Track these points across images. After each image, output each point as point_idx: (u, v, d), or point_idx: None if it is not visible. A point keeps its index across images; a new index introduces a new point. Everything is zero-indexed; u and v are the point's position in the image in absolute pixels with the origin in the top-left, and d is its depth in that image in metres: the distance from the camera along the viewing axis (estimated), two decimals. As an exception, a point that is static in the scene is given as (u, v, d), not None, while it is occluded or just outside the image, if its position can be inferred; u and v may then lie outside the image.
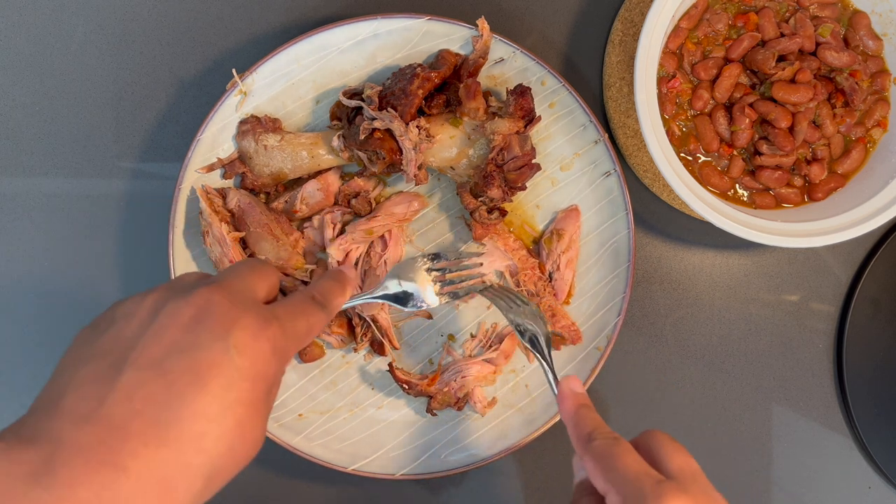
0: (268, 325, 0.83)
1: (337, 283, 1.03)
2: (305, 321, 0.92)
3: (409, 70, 1.21)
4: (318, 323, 0.94)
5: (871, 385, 1.42)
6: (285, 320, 0.87)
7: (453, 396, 1.30)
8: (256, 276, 0.91)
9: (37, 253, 1.36)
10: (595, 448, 0.90)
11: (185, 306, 0.80)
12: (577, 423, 0.97)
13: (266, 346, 0.82)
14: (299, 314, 0.91)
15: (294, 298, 0.94)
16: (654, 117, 1.21)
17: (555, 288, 1.33)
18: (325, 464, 1.29)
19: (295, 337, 0.89)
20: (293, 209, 1.29)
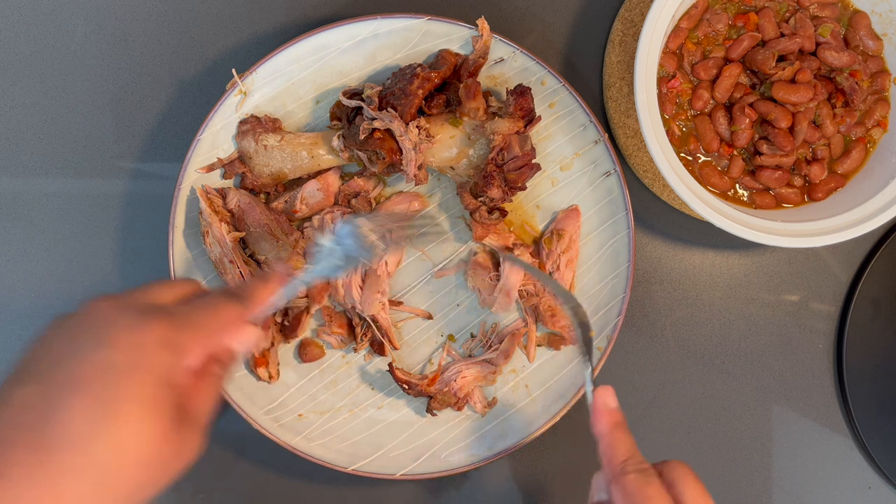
0: (148, 318, 0.83)
1: (258, 278, 1.03)
2: (208, 310, 0.91)
3: (409, 70, 1.21)
4: (226, 310, 0.93)
5: (871, 385, 1.42)
6: (178, 313, 0.87)
7: (453, 397, 1.30)
8: (162, 285, 0.92)
9: (37, 253, 1.36)
10: (628, 483, 0.89)
11: (70, 317, 0.83)
12: (611, 446, 0.96)
13: (148, 337, 0.81)
14: (201, 305, 0.91)
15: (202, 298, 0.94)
16: (654, 117, 1.21)
17: (555, 288, 1.33)
18: (325, 464, 1.29)
19: (192, 326, 0.87)
20: (293, 209, 1.29)
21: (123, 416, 0.77)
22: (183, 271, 1.26)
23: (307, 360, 1.32)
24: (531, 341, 1.34)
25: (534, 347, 1.35)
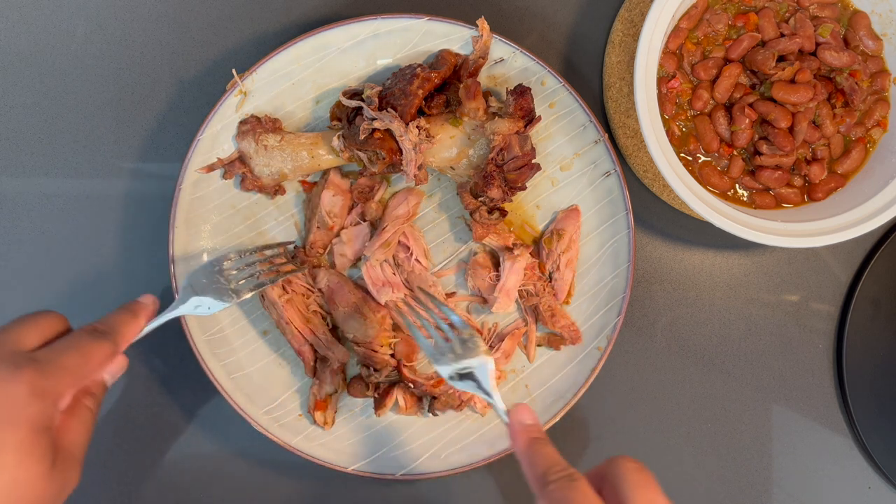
0: (18, 369, 0.84)
1: (127, 311, 1.05)
2: (76, 353, 0.92)
3: (409, 70, 1.21)
4: (96, 351, 0.95)
5: (871, 385, 1.42)
6: (46, 360, 0.88)
7: (457, 399, 1.31)
8: (24, 327, 0.92)
9: (37, 253, 1.36)
10: (550, 494, 0.88)
11: None
12: (530, 462, 0.94)
13: (18, 389, 0.83)
14: (68, 349, 0.92)
15: (69, 336, 0.95)
16: (654, 117, 1.21)
17: (555, 288, 1.33)
18: (326, 464, 1.29)
19: (62, 371, 0.89)
20: (329, 228, 1.30)
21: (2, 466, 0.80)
22: (182, 272, 1.26)
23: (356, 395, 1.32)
24: (531, 341, 1.35)
25: (534, 347, 1.35)
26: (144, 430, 1.37)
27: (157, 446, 1.37)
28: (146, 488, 1.37)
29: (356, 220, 1.32)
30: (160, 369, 1.37)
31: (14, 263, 1.36)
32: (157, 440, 1.37)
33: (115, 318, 1.02)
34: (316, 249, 1.31)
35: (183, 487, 1.38)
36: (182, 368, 1.35)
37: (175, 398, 1.37)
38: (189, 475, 1.38)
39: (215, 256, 1.22)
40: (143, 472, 1.37)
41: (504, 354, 1.33)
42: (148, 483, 1.37)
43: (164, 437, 1.37)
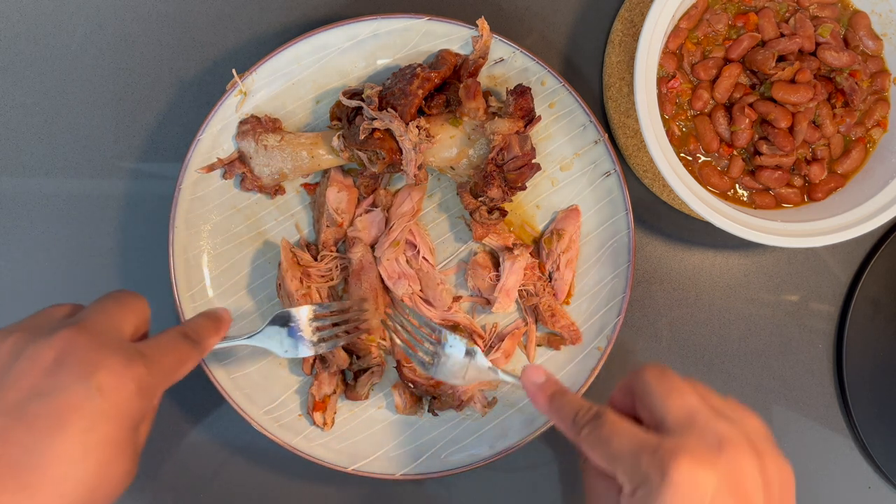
0: (132, 364, 0.84)
1: (211, 321, 1.06)
2: (175, 357, 0.94)
3: (409, 70, 1.21)
4: (188, 359, 0.97)
5: (871, 385, 1.42)
6: (152, 358, 0.89)
7: (457, 399, 1.30)
8: (124, 311, 0.93)
9: (37, 253, 1.36)
10: (585, 439, 0.88)
11: (46, 349, 0.82)
12: (558, 416, 0.95)
13: (130, 385, 0.83)
14: (168, 351, 0.93)
15: (164, 335, 0.96)
16: (654, 117, 1.21)
17: (554, 288, 1.33)
18: (326, 464, 1.29)
19: (162, 373, 0.90)
20: (338, 224, 1.30)
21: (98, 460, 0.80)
22: (182, 272, 1.26)
23: (353, 398, 1.32)
24: (531, 341, 1.34)
25: (534, 347, 1.35)
26: (144, 430, 1.37)
27: (157, 445, 1.37)
28: (145, 487, 1.38)
29: (369, 208, 1.32)
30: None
31: (14, 263, 1.36)
32: (156, 440, 1.37)
33: (203, 326, 1.03)
34: (328, 247, 1.31)
35: (183, 487, 1.38)
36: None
37: (175, 397, 1.37)
38: (189, 474, 1.38)
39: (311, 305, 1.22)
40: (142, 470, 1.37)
41: (504, 354, 1.33)
42: (148, 482, 1.38)
43: (164, 437, 1.37)
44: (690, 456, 0.78)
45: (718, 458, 0.79)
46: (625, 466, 0.82)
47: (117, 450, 0.82)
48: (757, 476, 0.80)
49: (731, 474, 0.78)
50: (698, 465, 0.77)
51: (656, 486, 0.77)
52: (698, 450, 0.79)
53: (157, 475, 1.38)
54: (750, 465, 0.80)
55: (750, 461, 0.80)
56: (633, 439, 0.83)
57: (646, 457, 0.80)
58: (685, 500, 0.76)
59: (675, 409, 0.85)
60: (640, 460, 0.80)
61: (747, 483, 0.79)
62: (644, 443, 0.82)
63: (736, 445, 0.80)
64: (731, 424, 0.84)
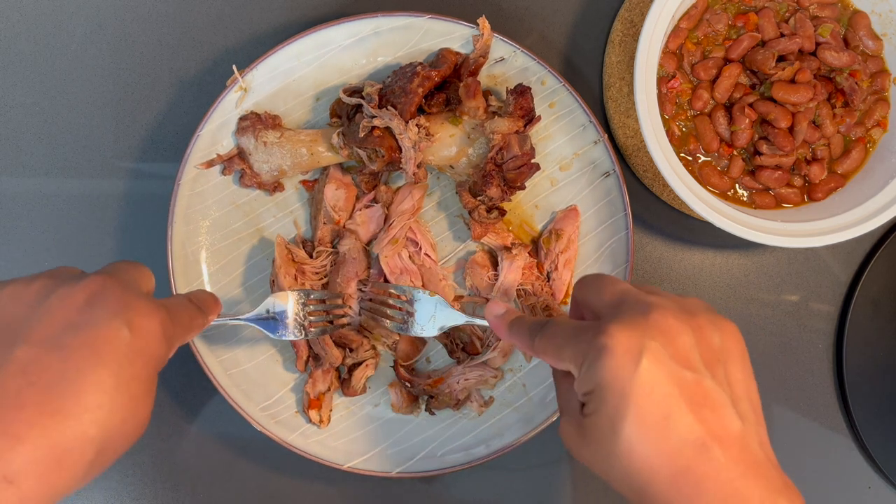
0: (158, 310, 0.87)
1: (209, 296, 1.09)
2: (188, 315, 0.98)
3: (409, 68, 1.21)
4: (198, 322, 1.01)
5: (871, 385, 1.42)
6: (173, 308, 0.93)
7: (454, 398, 1.30)
8: (140, 272, 0.96)
9: (37, 253, 1.36)
10: (538, 345, 0.92)
11: (79, 290, 0.83)
12: (517, 338, 0.99)
13: (158, 328, 0.86)
14: (183, 308, 0.97)
15: (178, 297, 1.00)
16: (654, 117, 1.21)
17: (552, 288, 1.33)
18: (322, 461, 1.29)
19: (181, 325, 0.94)
20: (336, 222, 1.30)
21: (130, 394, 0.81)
22: (181, 270, 1.27)
23: (350, 394, 1.32)
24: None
25: None
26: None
27: (156, 444, 1.37)
28: (144, 486, 1.37)
29: (369, 203, 1.32)
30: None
31: (14, 263, 1.36)
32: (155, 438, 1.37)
33: (204, 297, 1.06)
34: (325, 244, 1.31)
35: (181, 483, 1.38)
36: (179, 364, 1.35)
37: (173, 397, 1.37)
38: (187, 473, 1.38)
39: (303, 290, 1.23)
40: (141, 470, 1.37)
41: (501, 353, 1.32)
42: (145, 479, 1.37)
43: (163, 437, 1.37)
44: (619, 323, 0.81)
45: (646, 321, 0.81)
46: (568, 354, 0.85)
47: (145, 388, 0.84)
48: (689, 333, 0.82)
49: (661, 334, 0.80)
50: (627, 329, 0.80)
51: (592, 358, 0.81)
52: (627, 317, 0.82)
53: (155, 473, 1.37)
54: (679, 323, 0.82)
55: (678, 321, 0.82)
56: (573, 328, 0.88)
57: (583, 337, 0.84)
58: (619, 363, 0.78)
59: (608, 294, 0.89)
60: (579, 341, 0.84)
61: (679, 340, 0.81)
62: (581, 327, 0.86)
63: (663, 308, 0.83)
64: (661, 297, 0.87)
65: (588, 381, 0.81)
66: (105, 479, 1.37)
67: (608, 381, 0.79)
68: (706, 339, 0.83)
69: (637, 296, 0.87)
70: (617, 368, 0.78)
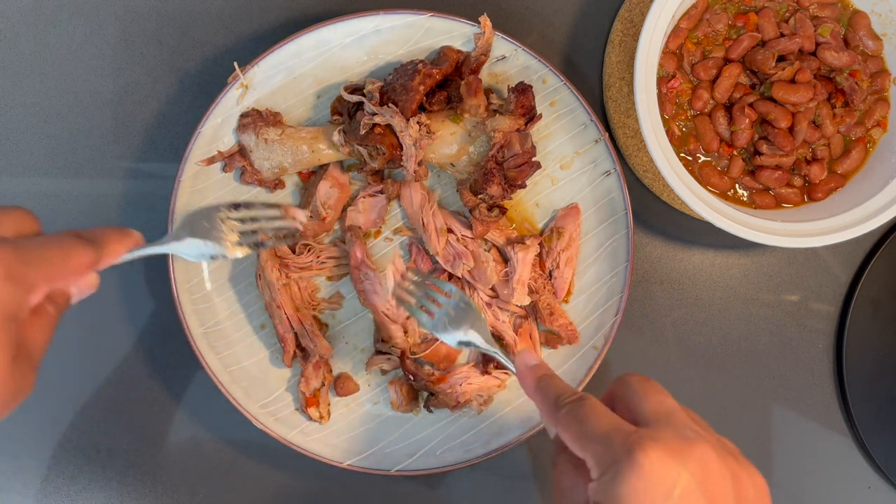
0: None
1: (116, 231, 0.99)
2: (58, 249, 0.87)
3: (410, 66, 1.22)
4: (78, 254, 0.89)
5: (871, 385, 1.42)
6: (26, 247, 0.83)
7: (454, 399, 1.30)
8: (3, 215, 0.88)
9: (36, 252, 1.36)
10: (562, 417, 0.85)
11: None
12: (542, 395, 0.93)
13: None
14: (51, 243, 0.87)
15: (50, 235, 0.90)
16: (654, 117, 1.21)
17: (554, 286, 1.33)
18: (321, 459, 1.29)
19: (40, 261, 0.84)
20: (322, 218, 1.30)
21: None
22: (181, 264, 1.26)
23: (343, 393, 1.33)
24: (535, 340, 1.34)
25: (538, 346, 1.35)
26: (142, 427, 1.37)
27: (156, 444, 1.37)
28: (144, 486, 1.37)
29: (374, 193, 1.33)
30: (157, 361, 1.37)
31: (13, 263, 1.36)
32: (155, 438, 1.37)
33: (103, 232, 0.96)
34: (306, 237, 1.31)
35: (181, 483, 1.38)
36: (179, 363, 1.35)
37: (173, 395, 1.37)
38: (188, 471, 1.38)
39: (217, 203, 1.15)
40: (141, 470, 1.37)
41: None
42: (145, 480, 1.37)
43: (162, 436, 1.37)
44: (662, 444, 0.75)
45: (691, 452, 0.76)
46: (596, 447, 0.79)
47: None
48: (728, 479, 0.77)
49: (702, 471, 0.75)
50: (668, 454, 0.75)
51: (623, 469, 0.74)
52: (671, 441, 0.76)
53: (154, 471, 1.37)
54: (722, 466, 0.77)
55: (722, 463, 0.77)
56: (609, 421, 0.81)
57: (618, 439, 0.77)
58: (650, 488, 0.73)
59: (655, 403, 0.84)
60: (612, 442, 0.77)
61: (718, 484, 0.76)
62: (619, 426, 0.80)
63: (708, 444, 0.78)
64: (705, 430, 0.82)
65: (608, 491, 0.75)
66: (105, 479, 1.36)
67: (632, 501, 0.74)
68: (743, 489, 0.78)
69: (685, 420, 0.81)
70: (645, 492, 0.73)
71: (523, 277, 1.30)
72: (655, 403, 0.83)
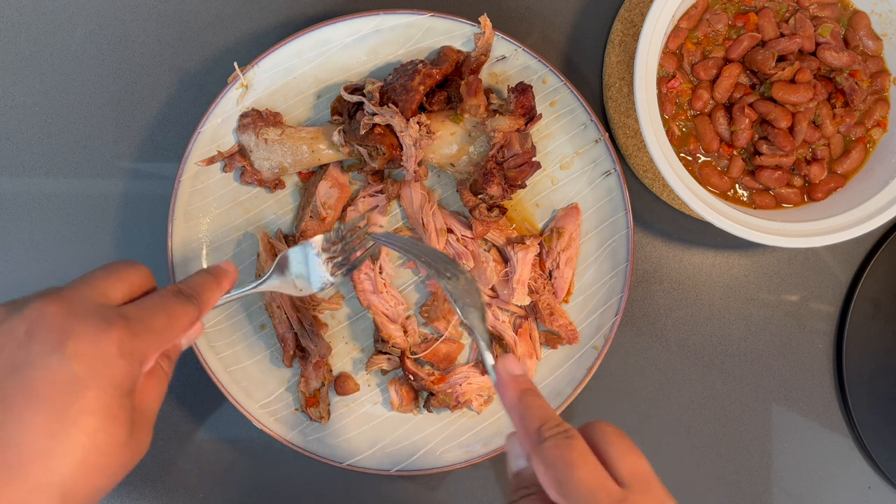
0: (109, 326, 0.82)
1: (211, 276, 1.02)
2: (164, 315, 0.90)
3: (410, 66, 1.22)
4: (182, 315, 0.93)
5: (871, 385, 1.42)
6: (136, 318, 0.86)
7: (454, 399, 1.30)
8: (111, 278, 0.90)
9: (37, 253, 1.36)
10: (547, 451, 0.83)
11: (20, 322, 0.80)
12: (522, 415, 0.89)
13: (110, 348, 0.81)
14: (157, 309, 0.90)
15: (154, 294, 0.93)
16: (654, 117, 1.21)
17: (554, 286, 1.33)
18: (320, 459, 1.29)
19: (150, 332, 0.87)
20: (322, 219, 1.29)
21: (83, 430, 0.78)
22: (181, 268, 1.27)
23: (342, 393, 1.33)
24: (535, 340, 1.34)
25: (539, 346, 1.34)
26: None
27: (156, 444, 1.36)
28: (144, 486, 1.37)
29: (374, 193, 1.33)
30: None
31: (14, 263, 1.36)
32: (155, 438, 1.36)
33: (200, 282, 1.00)
34: (307, 238, 1.31)
35: (181, 483, 1.38)
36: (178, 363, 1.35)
37: (172, 395, 1.37)
38: (188, 471, 1.38)
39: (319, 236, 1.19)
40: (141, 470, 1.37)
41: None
42: (145, 479, 1.37)
43: (162, 437, 1.37)
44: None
45: None
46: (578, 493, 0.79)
47: (105, 418, 0.79)
48: None
49: None
50: None
51: None
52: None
53: (156, 475, 1.37)
54: None
55: None
56: (599, 477, 0.80)
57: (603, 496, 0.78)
58: None
59: (632, 465, 0.83)
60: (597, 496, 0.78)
61: None
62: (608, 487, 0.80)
63: None
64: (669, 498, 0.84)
65: None
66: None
67: None
68: None
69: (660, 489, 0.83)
70: None
71: (523, 277, 1.30)
72: (632, 466, 0.83)
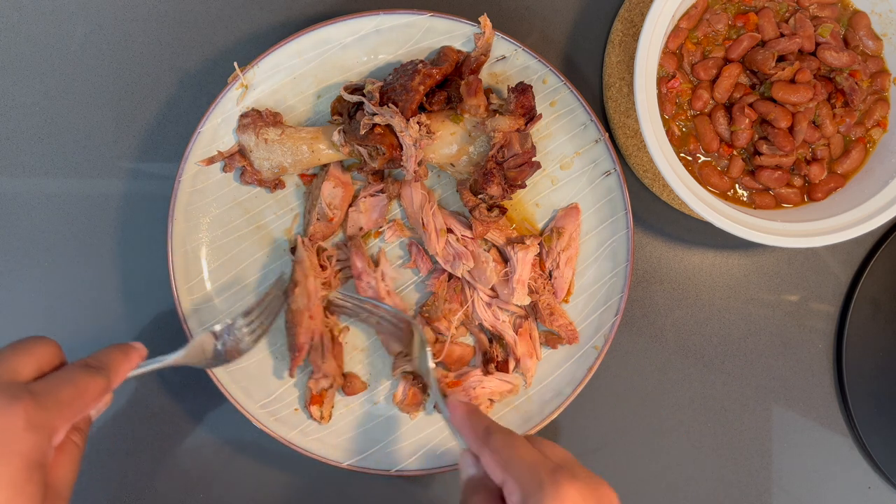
0: (15, 401, 0.83)
1: (119, 351, 1.04)
2: (72, 387, 0.91)
3: (410, 66, 1.21)
4: (91, 387, 0.94)
5: (871, 385, 1.42)
6: (43, 392, 0.87)
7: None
8: (18, 355, 0.91)
9: (37, 253, 1.36)
10: (493, 442, 0.99)
11: None
12: (471, 425, 1.06)
13: (14, 422, 0.82)
14: (64, 382, 0.91)
15: (64, 370, 0.94)
16: (654, 117, 1.21)
17: (554, 286, 1.33)
18: (320, 459, 1.29)
19: (58, 405, 0.88)
20: (329, 220, 1.29)
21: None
22: (181, 267, 1.27)
23: (350, 393, 1.33)
24: (535, 340, 1.34)
25: (539, 347, 1.34)
26: (141, 428, 1.37)
27: (157, 445, 1.37)
28: (144, 486, 1.37)
29: (374, 193, 1.32)
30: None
31: (14, 263, 1.36)
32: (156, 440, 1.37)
33: (108, 356, 1.01)
34: (316, 240, 1.31)
35: (181, 483, 1.38)
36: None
37: (172, 395, 1.37)
38: (188, 471, 1.38)
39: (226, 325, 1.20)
40: (141, 470, 1.37)
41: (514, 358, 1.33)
42: (145, 480, 1.37)
43: (163, 437, 1.37)
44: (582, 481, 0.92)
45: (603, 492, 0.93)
46: (523, 473, 0.93)
47: (13, 492, 0.81)
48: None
49: None
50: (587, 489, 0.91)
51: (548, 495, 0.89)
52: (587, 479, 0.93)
53: (153, 471, 1.37)
54: None
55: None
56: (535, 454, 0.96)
57: (544, 469, 0.93)
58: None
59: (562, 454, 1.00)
60: (539, 471, 0.92)
61: None
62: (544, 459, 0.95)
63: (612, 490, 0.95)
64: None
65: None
66: (105, 479, 1.36)
67: None
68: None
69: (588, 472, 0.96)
70: None
71: (523, 277, 1.30)
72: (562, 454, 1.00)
